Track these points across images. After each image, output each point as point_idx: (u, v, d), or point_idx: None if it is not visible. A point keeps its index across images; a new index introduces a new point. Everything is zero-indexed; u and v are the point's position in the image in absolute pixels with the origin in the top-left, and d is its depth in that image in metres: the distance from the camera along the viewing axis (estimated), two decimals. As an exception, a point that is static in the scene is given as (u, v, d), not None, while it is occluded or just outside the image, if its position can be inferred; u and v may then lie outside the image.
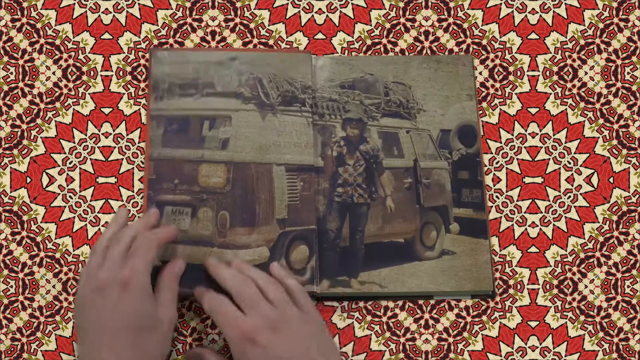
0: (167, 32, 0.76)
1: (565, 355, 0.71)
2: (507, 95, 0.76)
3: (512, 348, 0.71)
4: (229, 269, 0.65)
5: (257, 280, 0.64)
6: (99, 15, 0.76)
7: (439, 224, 0.72)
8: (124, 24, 0.76)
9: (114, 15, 0.76)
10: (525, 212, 0.73)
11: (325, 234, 0.71)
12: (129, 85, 0.75)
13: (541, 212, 0.73)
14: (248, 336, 0.60)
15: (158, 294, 0.64)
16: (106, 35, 0.76)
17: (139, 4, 0.77)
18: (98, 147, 0.74)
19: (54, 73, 0.75)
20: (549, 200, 0.74)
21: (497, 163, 0.74)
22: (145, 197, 0.72)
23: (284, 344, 0.60)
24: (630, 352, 0.71)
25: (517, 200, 0.74)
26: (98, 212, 0.73)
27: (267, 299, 0.63)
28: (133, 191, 0.73)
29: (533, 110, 0.75)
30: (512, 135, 0.75)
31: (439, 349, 0.71)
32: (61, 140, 0.74)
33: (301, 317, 0.63)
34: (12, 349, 0.70)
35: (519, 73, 0.76)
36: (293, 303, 0.63)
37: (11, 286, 0.71)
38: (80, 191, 0.73)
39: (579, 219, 0.73)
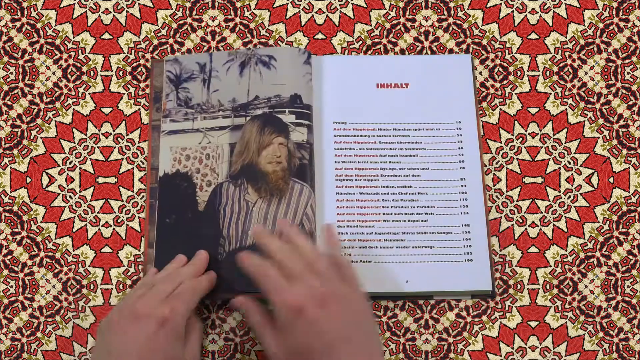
0: (167, 32, 0.76)
1: (565, 355, 0.71)
2: (507, 95, 0.76)
3: (512, 348, 0.71)
4: (276, 239, 0.64)
5: (306, 252, 0.63)
6: (99, 15, 0.76)
7: None
8: (124, 24, 0.76)
9: (114, 15, 0.76)
10: (525, 212, 0.73)
11: None
12: (129, 86, 0.75)
13: (541, 212, 0.73)
14: (296, 309, 0.58)
15: (187, 334, 0.64)
16: (106, 35, 0.76)
17: (139, 4, 0.77)
18: (98, 147, 0.74)
19: (54, 73, 0.75)
20: (549, 200, 0.74)
21: (497, 163, 0.74)
22: (147, 205, 0.72)
23: (330, 319, 0.58)
24: (630, 352, 0.71)
25: (517, 200, 0.74)
26: (98, 212, 0.73)
27: (314, 272, 0.61)
28: (133, 191, 0.73)
29: (533, 110, 0.75)
30: (512, 135, 0.75)
31: (439, 349, 0.71)
32: (61, 140, 0.74)
33: (348, 294, 0.61)
34: (12, 349, 0.70)
35: (519, 73, 0.76)
36: (341, 278, 0.62)
37: (11, 286, 0.71)
38: (80, 191, 0.73)
39: (579, 219, 0.73)
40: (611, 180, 0.74)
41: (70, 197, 0.73)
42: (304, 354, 0.58)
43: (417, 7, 0.77)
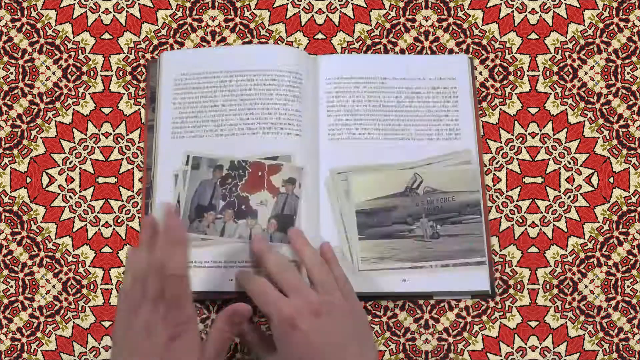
0: (167, 32, 0.76)
1: (565, 355, 0.71)
2: (507, 95, 0.76)
3: (512, 348, 0.71)
4: (273, 252, 0.65)
5: (305, 261, 0.63)
6: (99, 15, 0.76)
7: None
8: (124, 24, 0.76)
9: (114, 15, 0.76)
10: (525, 212, 0.73)
11: None
12: (129, 86, 0.75)
13: (541, 212, 0.73)
14: (290, 321, 0.58)
15: (210, 340, 0.60)
16: (106, 35, 0.76)
17: (139, 4, 0.77)
18: (98, 147, 0.74)
19: (54, 73, 0.75)
20: (549, 200, 0.74)
21: (497, 163, 0.74)
22: (143, 205, 0.72)
23: (325, 329, 0.59)
24: (630, 352, 0.71)
25: (517, 200, 0.74)
26: (98, 212, 0.73)
27: (312, 282, 0.62)
28: (133, 191, 0.73)
29: (533, 110, 0.75)
30: (512, 135, 0.75)
31: (439, 349, 0.71)
32: (61, 140, 0.74)
33: (344, 305, 0.61)
34: (12, 349, 0.70)
35: (519, 73, 0.76)
36: (339, 290, 0.62)
37: (11, 286, 0.71)
38: (80, 191, 0.73)
39: (579, 219, 0.73)
40: (611, 180, 0.74)
41: (70, 197, 0.73)
42: None
43: (417, 7, 0.77)
